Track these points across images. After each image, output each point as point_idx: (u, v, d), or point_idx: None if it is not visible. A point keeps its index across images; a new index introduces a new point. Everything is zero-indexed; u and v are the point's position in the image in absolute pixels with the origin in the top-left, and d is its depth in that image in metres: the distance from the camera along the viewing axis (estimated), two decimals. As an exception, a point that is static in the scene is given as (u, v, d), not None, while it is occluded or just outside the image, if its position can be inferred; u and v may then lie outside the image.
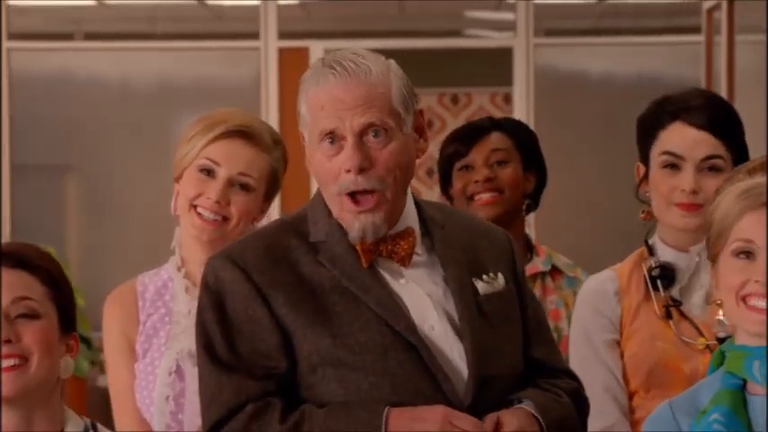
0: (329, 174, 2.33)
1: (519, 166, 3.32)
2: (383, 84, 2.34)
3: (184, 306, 2.76)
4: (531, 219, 4.03)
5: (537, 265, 3.32)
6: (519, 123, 3.46)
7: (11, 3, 7.91)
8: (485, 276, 2.39)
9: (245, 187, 2.74)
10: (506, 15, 8.30)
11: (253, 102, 7.56)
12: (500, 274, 2.41)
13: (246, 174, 2.74)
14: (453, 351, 2.31)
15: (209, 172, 2.73)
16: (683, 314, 2.73)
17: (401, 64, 2.39)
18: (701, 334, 2.69)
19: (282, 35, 7.81)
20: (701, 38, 7.56)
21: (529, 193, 3.34)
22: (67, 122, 7.77)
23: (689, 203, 2.71)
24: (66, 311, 2.19)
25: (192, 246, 2.77)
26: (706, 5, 7.40)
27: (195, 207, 2.74)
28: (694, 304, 2.75)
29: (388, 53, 2.41)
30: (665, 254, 2.78)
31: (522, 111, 7.79)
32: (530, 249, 3.36)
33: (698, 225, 2.68)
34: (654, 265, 2.76)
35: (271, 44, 7.76)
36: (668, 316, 2.72)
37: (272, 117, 7.47)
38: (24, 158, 7.78)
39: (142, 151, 7.65)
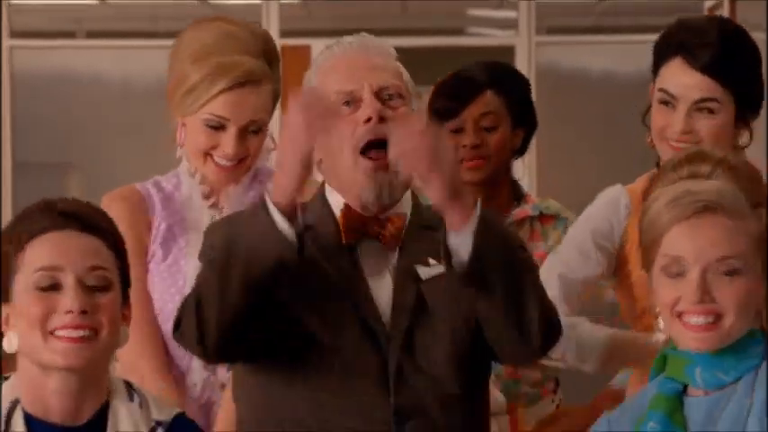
0: (344, 134, 2.28)
1: (508, 128, 3.25)
2: (394, 59, 2.36)
3: (205, 215, 2.74)
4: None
5: (526, 209, 3.24)
6: (513, 77, 3.35)
7: (13, 1, 7.92)
8: (431, 260, 2.30)
9: (256, 131, 2.72)
10: (508, 13, 8.31)
11: (254, 100, 7.57)
12: None
13: (256, 120, 2.71)
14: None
15: (217, 127, 2.69)
16: None
17: (403, 62, 2.39)
18: None
19: (284, 34, 7.81)
20: (702, 36, 7.56)
21: (517, 149, 3.29)
22: (69, 121, 7.77)
23: (679, 144, 2.63)
24: (126, 279, 2.13)
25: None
26: (707, 4, 7.41)
27: (211, 156, 2.71)
28: None
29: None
30: None
31: (523, 109, 7.80)
32: (518, 197, 3.30)
33: None
34: None
35: (272, 42, 7.77)
36: None
37: (273, 116, 7.46)
38: (26, 156, 7.79)
39: (143, 149, 7.66)
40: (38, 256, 2.04)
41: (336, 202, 2.35)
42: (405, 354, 2.26)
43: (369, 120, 2.27)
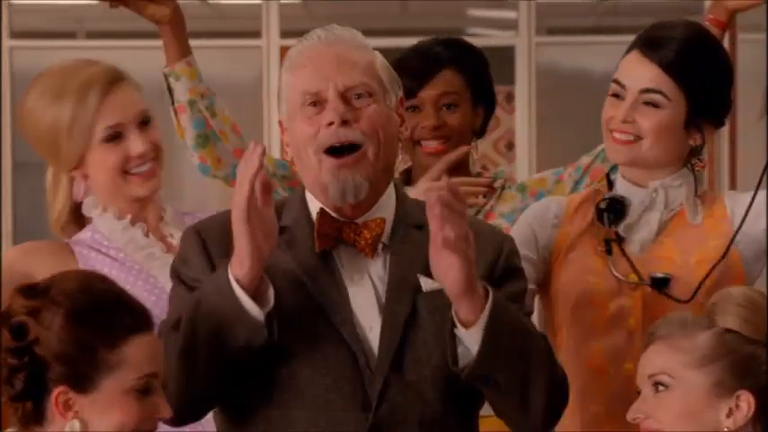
0: (308, 135, 2.23)
1: (468, 107, 3.14)
2: (368, 50, 2.28)
3: (144, 241, 2.71)
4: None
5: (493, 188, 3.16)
6: (472, 54, 3.22)
7: (13, 1, 7.92)
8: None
9: (146, 122, 2.70)
10: (508, 14, 8.31)
11: (255, 100, 7.57)
12: None
13: (145, 111, 2.70)
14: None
15: (116, 136, 2.66)
16: (623, 251, 2.57)
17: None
18: (636, 272, 2.54)
19: (284, 34, 7.81)
20: (702, 36, 7.55)
21: (477, 129, 3.17)
22: (70, 121, 7.77)
23: (618, 135, 2.58)
24: None
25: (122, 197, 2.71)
26: (707, 4, 7.40)
27: (126, 172, 2.67)
28: (636, 241, 2.59)
29: (390, 52, 2.40)
30: (623, 188, 2.62)
31: (523, 109, 7.79)
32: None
33: (628, 159, 2.57)
34: (603, 198, 2.61)
35: (273, 43, 7.76)
36: (608, 251, 2.57)
37: (273, 116, 7.47)
38: (26, 156, 7.78)
39: (144, 150, 7.66)
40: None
41: (315, 204, 2.28)
42: (392, 371, 2.19)
43: (331, 124, 2.21)
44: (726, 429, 2.15)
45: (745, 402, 2.16)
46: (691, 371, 2.17)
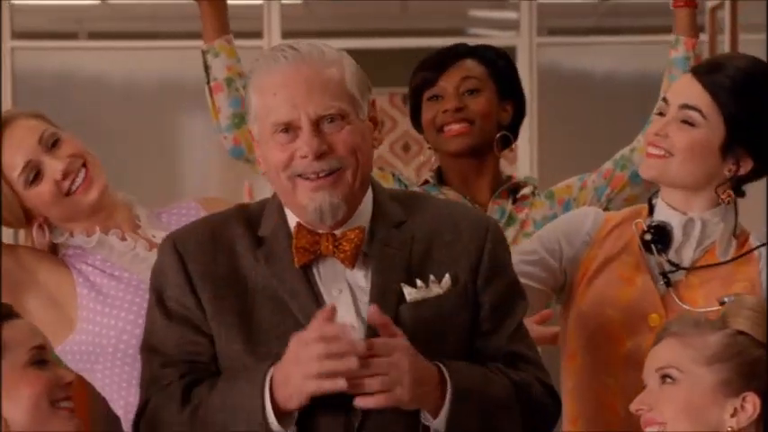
0: (281, 161, 2.19)
1: (493, 96, 3.09)
2: (337, 65, 2.22)
3: (120, 245, 2.72)
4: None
5: (525, 193, 3.13)
6: (494, 49, 3.18)
7: (14, 2, 7.92)
8: (419, 281, 2.21)
9: (55, 143, 2.67)
10: (509, 14, 8.30)
11: (256, 101, 7.57)
12: (447, 276, 2.23)
13: (46, 134, 2.66)
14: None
15: (36, 172, 2.64)
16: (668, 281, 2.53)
17: (403, 63, 2.38)
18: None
19: (285, 34, 7.80)
20: (704, 37, 7.55)
21: (506, 125, 3.12)
22: (70, 121, 7.75)
23: (651, 148, 2.51)
24: None
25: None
26: (709, 4, 7.40)
27: (66, 194, 2.65)
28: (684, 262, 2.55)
29: (390, 52, 2.40)
30: (662, 212, 2.56)
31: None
32: (506, 178, 3.15)
33: (657, 174, 2.52)
34: (646, 228, 2.54)
35: (274, 43, 7.75)
36: (667, 284, 2.51)
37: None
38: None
39: (145, 150, 7.66)
40: None
41: (292, 217, 2.25)
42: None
43: (305, 156, 2.18)
44: (729, 429, 2.15)
45: (751, 404, 2.17)
46: (699, 367, 2.19)
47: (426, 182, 3.15)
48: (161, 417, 2.22)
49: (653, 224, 2.54)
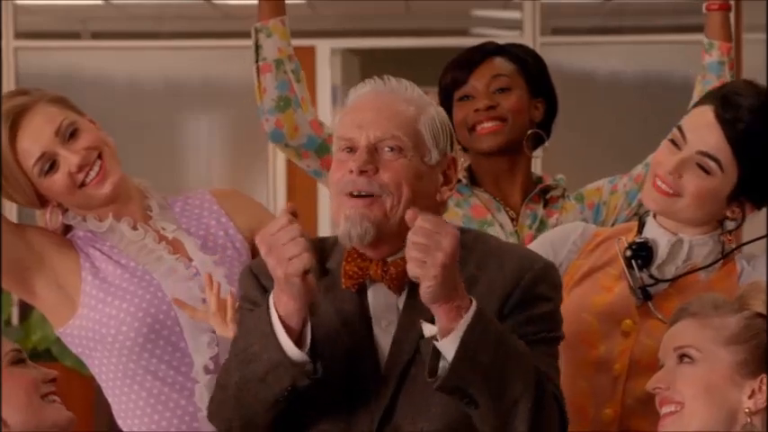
0: (336, 178, 2.29)
1: (524, 93, 3.10)
2: (416, 105, 2.30)
3: (132, 234, 2.75)
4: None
5: (555, 194, 3.13)
6: (525, 48, 3.21)
7: (18, 2, 7.92)
8: None
9: (73, 134, 2.70)
10: (513, 14, 8.29)
11: (259, 101, 7.56)
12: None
13: (65, 124, 2.70)
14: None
15: (51, 163, 2.67)
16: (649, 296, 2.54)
17: (407, 63, 2.38)
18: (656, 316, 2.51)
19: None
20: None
21: (538, 122, 3.12)
22: (74, 121, 7.76)
23: (660, 183, 2.51)
24: None
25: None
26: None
27: (82, 184, 2.69)
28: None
29: (394, 52, 2.40)
30: (652, 230, 2.57)
31: (528, 110, 7.79)
32: (537, 179, 3.14)
33: (661, 209, 2.52)
34: (627, 245, 2.55)
35: (277, 43, 7.75)
36: (646, 298, 2.52)
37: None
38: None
39: (149, 150, 7.66)
40: None
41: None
42: (384, 422, 2.22)
43: (352, 171, 2.25)
44: (747, 410, 2.15)
45: None
46: (718, 347, 2.20)
47: (459, 181, 3.14)
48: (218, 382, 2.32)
49: (637, 241, 2.56)
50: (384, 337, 2.25)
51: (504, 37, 8.62)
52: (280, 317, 2.16)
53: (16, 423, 2.22)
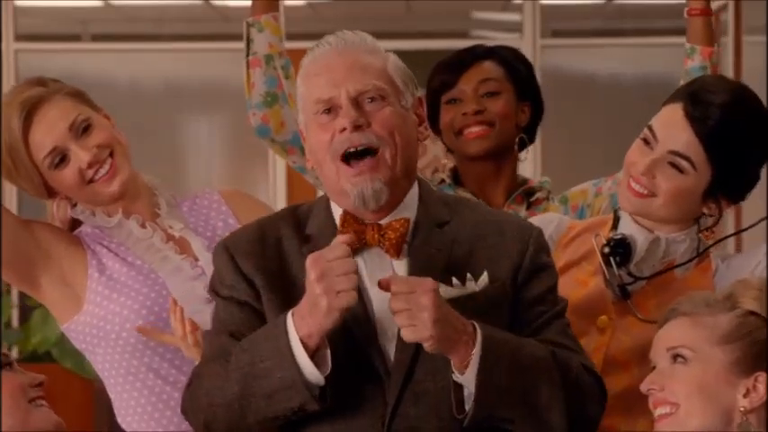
0: (323, 142, 2.25)
1: (512, 97, 3.07)
2: (380, 53, 2.30)
3: (135, 228, 2.75)
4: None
5: (539, 197, 3.12)
6: (512, 51, 3.17)
7: (18, 4, 7.92)
8: (455, 279, 2.23)
9: (86, 129, 2.71)
10: (513, 16, 8.30)
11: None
12: (485, 274, 2.25)
13: (79, 119, 2.71)
14: None
15: (62, 157, 2.67)
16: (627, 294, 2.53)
17: (407, 64, 2.38)
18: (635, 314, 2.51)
19: (289, 36, 7.77)
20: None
21: (523, 126, 3.10)
22: (74, 123, 7.76)
23: (634, 184, 2.49)
24: None
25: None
26: (713, 5, 7.40)
27: (91, 181, 2.69)
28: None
29: (394, 54, 2.40)
30: (627, 226, 2.56)
31: (528, 112, 7.79)
32: (522, 181, 3.13)
33: (636, 210, 2.51)
34: (606, 242, 2.54)
35: (277, 45, 7.75)
36: (624, 295, 2.52)
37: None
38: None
39: (150, 152, 7.66)
40: None
41: (338, 212, 2.29)
42: (405, 383, 2.20)
43: (344, 129, 2.23)
44: (742, 408, 2.15)
45: (763, 384, 2.16)
46: (712, 347, 2.18)
47: (442, 182, 3.15)
48: (201, 372, 2.27)
49: (615, 238, 2.54)
50: (381, 297, 2.19)
51: (503, 39, 8.62)
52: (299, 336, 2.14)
53: (3, 427, 2.20)
